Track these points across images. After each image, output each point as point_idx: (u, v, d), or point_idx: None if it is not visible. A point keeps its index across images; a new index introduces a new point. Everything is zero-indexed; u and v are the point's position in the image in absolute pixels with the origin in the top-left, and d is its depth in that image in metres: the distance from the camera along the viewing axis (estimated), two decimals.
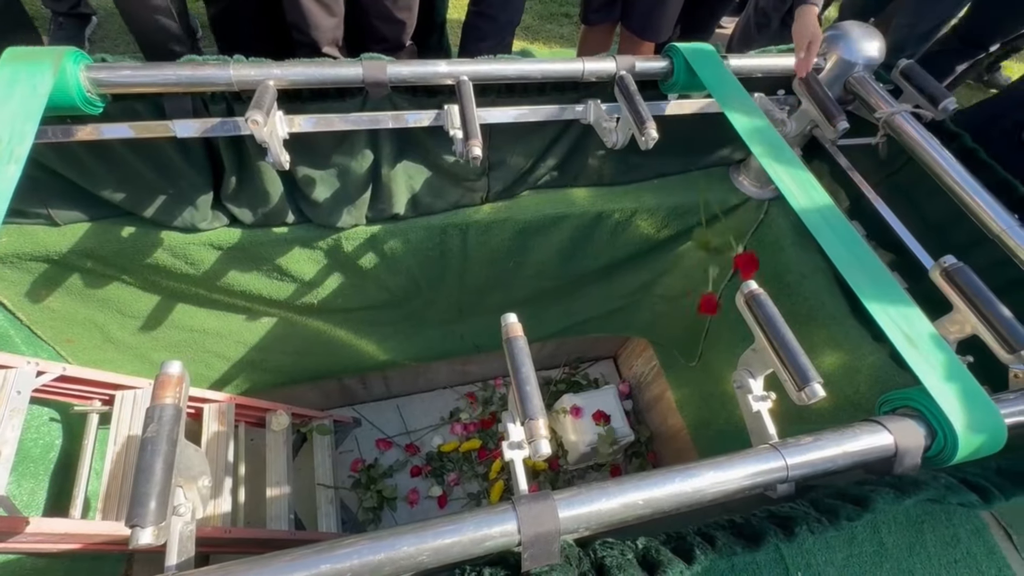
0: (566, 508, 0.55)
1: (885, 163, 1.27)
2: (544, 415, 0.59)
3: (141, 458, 0.50)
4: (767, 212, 1.47)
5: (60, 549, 1.06)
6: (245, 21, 1.74)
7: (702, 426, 1.88)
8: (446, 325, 1.75)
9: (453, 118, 1.03)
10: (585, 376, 2.45)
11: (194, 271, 1.24)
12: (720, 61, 1.11)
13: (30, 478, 1.13)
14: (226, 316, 1.46)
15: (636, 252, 1.58)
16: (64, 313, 1.25)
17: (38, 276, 1.16)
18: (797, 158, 1.00)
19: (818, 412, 1.27)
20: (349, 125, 1.03)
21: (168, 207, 1.12)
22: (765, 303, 0.74)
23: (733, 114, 1.01)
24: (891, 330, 0.75)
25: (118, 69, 0.84)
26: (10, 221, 1.08)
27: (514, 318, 0.68)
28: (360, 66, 0.95)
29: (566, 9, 3.01)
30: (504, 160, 1.27)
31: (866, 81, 1.19)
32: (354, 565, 0.49)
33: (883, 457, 0.67)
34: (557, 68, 1.06)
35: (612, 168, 1.39)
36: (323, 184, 1.16)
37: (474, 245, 1.40)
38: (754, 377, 0.78)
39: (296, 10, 1.46)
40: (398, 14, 1.60)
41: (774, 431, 0.72)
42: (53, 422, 1.22)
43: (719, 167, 1.53)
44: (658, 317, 1.90)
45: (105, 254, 1.15)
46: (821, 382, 0.66)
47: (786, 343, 0.69)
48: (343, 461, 2.12)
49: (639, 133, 0.98)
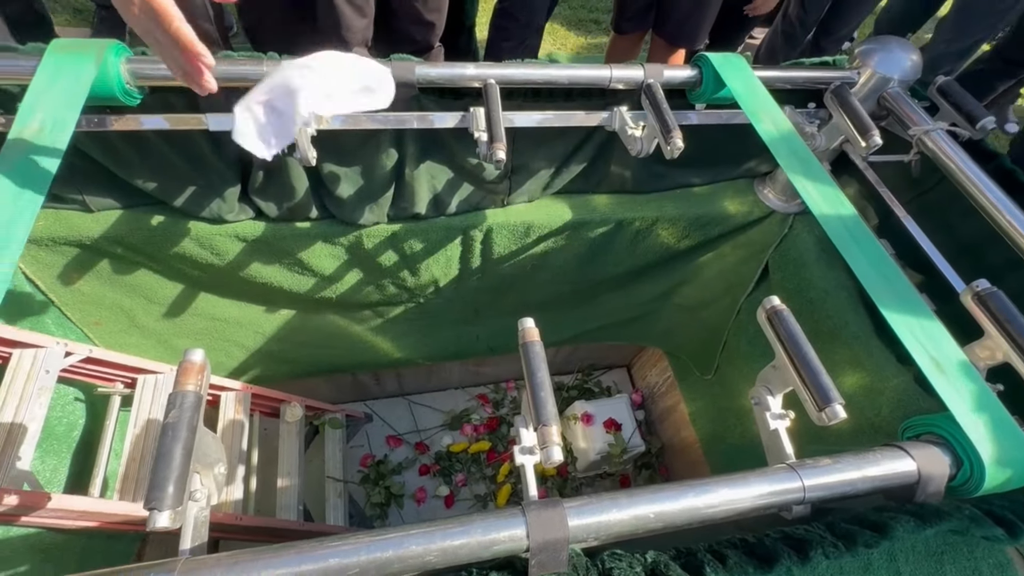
0: (576, 516, 0.54)
1: (917, 181, 1.23)
2: (557, 421, 0.59)
3: (161, 443, 0.51)
4: (792, 226, 1.44)
5: (78, 526, 1.09)
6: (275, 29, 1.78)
7: (715, 440, 1.85)
8: (461, 326, 1.75)
9: (478, 120, 1.04)
10: (598, 383, 2.43)
11: (219, 261, 1.27)
12: (750, 72, 1.09)
13: (53, 455, 1.17)
14: (247, 306, 1.48)
15: (655, 261, 1.57)
16: (93, 296, 1.29)
17: (70, 260, 1.20)
18: (826, 172, 0.98)
19: (837, 433, 1.24)
20: (375, 124, 1.04)
21: (197, 198, 1.15)
22: (787, 319, 0.72)
23: (761, 126, 0.99)
24: (918, 353, 0.73)
25: (157, 62, 0.87)
26: (47, 206, 1.12)
27: (531, 322, 0.68)
28: (389, 66, 0.96)
29: (595, 16, 3.01)
30: (527, 164, 1.27)
31: (901, 97, 1.16)
32: (362, 561, 0.49)
33: (905, 484, 0.65)
34: (584, 74, 1.06)
35: (635, 176, 1.38)
36: (347, 181, 1.18)
37: (493, 247, 1.40)
38: (773, 394, 0.76)
39: (329, 12, 1.49)
40: (427, 16, 1.61)
41: (791, 450, 0.71)
42: (77, 402, 1.26)
43: (744, 179, 1.51)
44: (675, 327, 1.88)
45: (135, 241, 1.18)
46: (842, 403, 0.65)
47: (808, 361, 0.67)
48: (353, 456, 2.14)
49: (665, 142, 0.98)
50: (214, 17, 1.76)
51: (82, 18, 2.35)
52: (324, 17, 1.52)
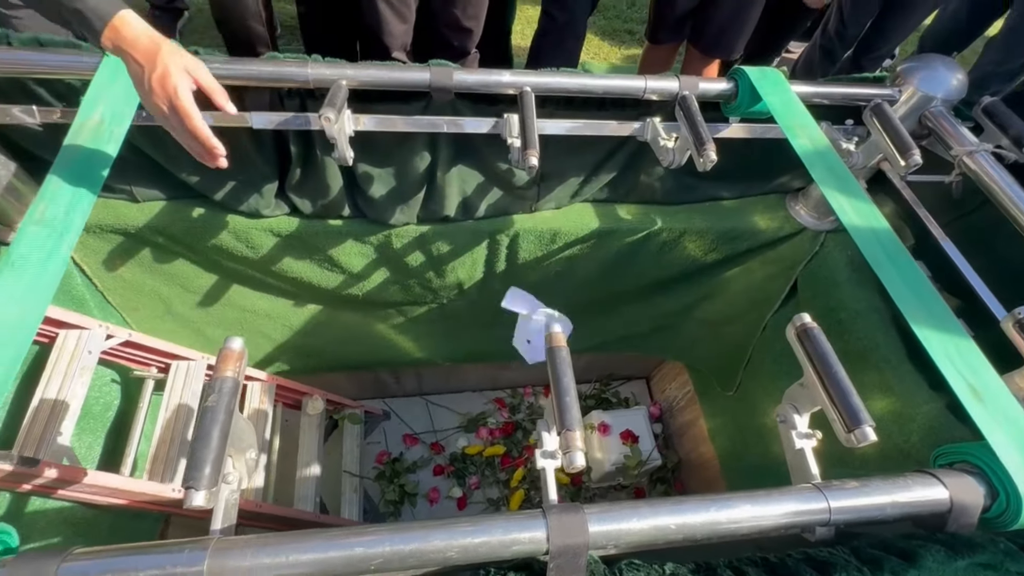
0: (597, 523, 0.54)
1: (958, 203, 1.20)
2: (581, 427, 0.59)
3: (200, 425, 0.54)
4: (823, 244, 1.42)
5: (108, 503, 1.13)
6: (328, 19, 1.85)
7: (734, 458, 1.82)
8: (483, 329, 1.77)
9: (512, 127, 1.05)
10: (616, 394, 2.41)
11: (253, 254, 1.31)
12: (787, 86, 1.08)
13: (89, 433, 1.21)
14: (276, 300, 1.52)
15: (681, 274, 1.55)
16: (134, 283, 1.35)
17: (115, 247, 1.25)
18: (862, 190, 0.97)
19: (862, 457, 1.21)
20: (411, 127, 1.07)
21: (236, 192, 1.19)
22: (818, 338, 0.71)
23: (797, 141, 0.98)
24: (954, 380, 0.71)
25: (209, 62, 0.90)
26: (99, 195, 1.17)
27: (558, 327, 0.68)
28: (428, 71, 0.98)
29: (629, 26, 3.01)
30: (557, 171, 1.28)
31: (944, 116, 1.13)
32: (385, 552, 0.50)
33: (936, 512, 0.63)
34: (619, 84, 1.07)
35: (665, 187, 1.37)
36: (380, 182, 1.20)
37: (519, 252, 1.41)
38: (799, 413, 0.75)
39: (372, 15, 1.53)
40: (466, 23, 1.64)
41: (817, 471, 0.70)
42: (113, 383, 1.31)
43: (775, 194, 1.49)
44: (697, 341, 1.86)
45: (176, 232, 1.23)
46: (873, 425, 0.64)
47: (838, 381, 0.66)
48: (369, 452, 2.17)
49: (697, 154, 0.97)
50: (265, 21, 1.83)
51: None
52: (367, 19, 1.57)
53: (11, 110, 0.97)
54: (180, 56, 0.71)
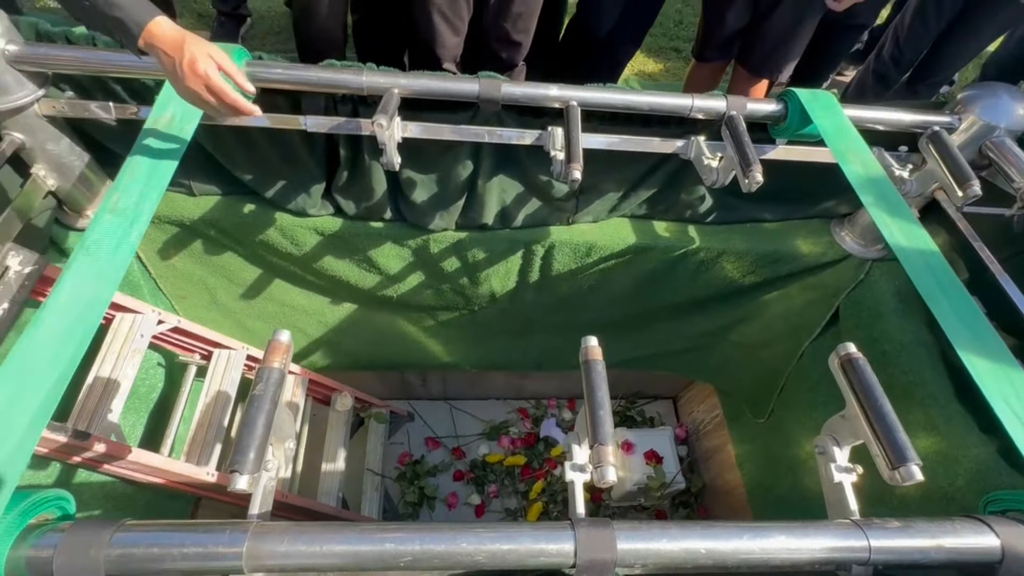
0: (625, 540, 0.54)
1: (1018, 238, 1.15)
2: (615, 442, 0.59)
3: (247, 412, 0.56)
4: (868, 273, 1.37)
5: (146, 480, 1.18)
6: (381, 28, 1.90)
7: (762, 488, 1.76)
8: (511, 337, 1.77)
9: (555, 139, 1.07)
10: (641, 412, 2.38)
11: (296, 251, 1.36)
12: (840, 109, 1.06)
13: (133, 413, 1.28)
14: (314, 296, 1.57)
15: (716, 294, 1.53)
16: (184, 272, 1.41)
17: (170, 237, 1.32)
18: (915, 218, 0.94)
19: (902, 497, 1.16)
20: (457, 136, 1.09)
21: (286, 191, 1.24)
22: (863, 369, 0.69)
23: (849, 166, 0.96)
24: (1010, 423, 0.68)
25: (272, 67, 0.95)
26: None
27: (595, 341, 0.68)
28: (477, 83, 1.01)
29: (675, 44, 3.00)
30: (596, 185, 1.28)
31: (1006, 147, 1.09)
32: (415, 550, 0.51)
33: (985, 561, 0.60)
34: (665, 102, 1.07)
35: (705, 206, 1.36)
36: (423, 187, 1.23)
37: (553, 263, 1.42)
38: (839, 446, 0.73)
39: (428, 28, 1.58)
40: (516, 36, 1.67)
41: (856, 507, 0.67)
42: (159, 367, 1.38)
43: (819, 219, 1.45)
44: (730, 364, 1.81)
45: (227, 225, 1.29)
46: (920, 464, 0.61)
47: (883, 415, 0.64)
48: (392, 452, 2.20)
49: (743, 175, 0.96)
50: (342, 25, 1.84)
51: (203, 23, 2.60)
52: (422, 31, 1.61)
53: (89, 105, 1.04)
54: (203, 44, 0.78)
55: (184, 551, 0.49)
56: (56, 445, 0.91)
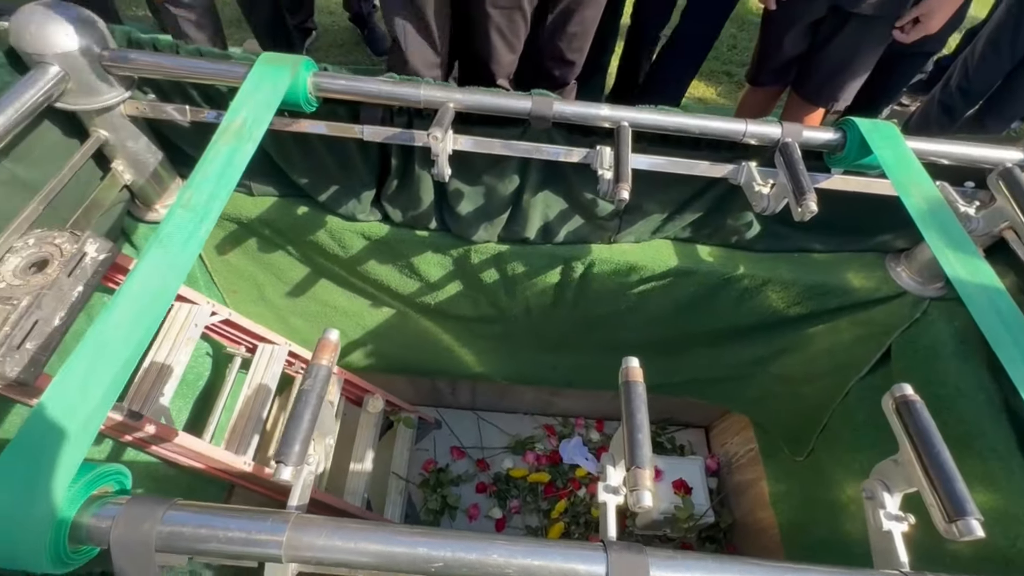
0: (659, 568, 0.53)
1: None
2: (652, 466, 0.58)
3: (295, 406, 0.58)
4: (925, 312, 1.31)
5: (188, 464, 1.23)
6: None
7: (797, 530, 1.68)
8: (543, 353, 1.77)
9: (604, 159, 1.07)
10: (671, 440, 2.32)
11: (343, 253, 1.40)
12: (902, 141, 1.02)
13: (180, 398, 1.34)
14: (355, 298, 1.62)
15: (759, 323, 1.48)
16: (237, 267, 1.48)
17: (228, 233, 1.39)
18: (981, 257, 0.89)
19: (954, 554, 1.08)
20: (507, 151, 1.11)
21: (338, 196, 1.29)
22: (920, 412, 0.66)
23: (910, 200, 0.92)
24: None
25: (336, 79, 1.00)
26: None
27: (636, 362, 0.68)
28: (530, 100, 1.03)
29: (728, 68, 2.98)
30: (641, 205, 1.28)
31: None
32: (447, 556, 0.52)
33: None
34: (718, 126, 1.06)
35: (752, 233, 1.33)
36: (469, 199, 1.26)
37: (591, 281, 1.41)
38: (890, 492, 0.69)
39: (485, 45, 1.62)
40: (569, 55, 1.70)
41: (906, 558, 0.63)
42: (207, 357, 1.44)
43: (873, 253, 1.40)
44: (768, 397, 1.75)
45: (281, 225, 1.35)
46: (981, 519, 0.57)
47: (941, 463, 0.61)
48: (418, 458, 2.21)
49: (796, 204, 0.94)
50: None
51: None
52: (479, 48, 1.65)
53: (166, 108, 1.12)
54: None
55: (229, 535, 0.51)
56: (113, 423, 0.96)
